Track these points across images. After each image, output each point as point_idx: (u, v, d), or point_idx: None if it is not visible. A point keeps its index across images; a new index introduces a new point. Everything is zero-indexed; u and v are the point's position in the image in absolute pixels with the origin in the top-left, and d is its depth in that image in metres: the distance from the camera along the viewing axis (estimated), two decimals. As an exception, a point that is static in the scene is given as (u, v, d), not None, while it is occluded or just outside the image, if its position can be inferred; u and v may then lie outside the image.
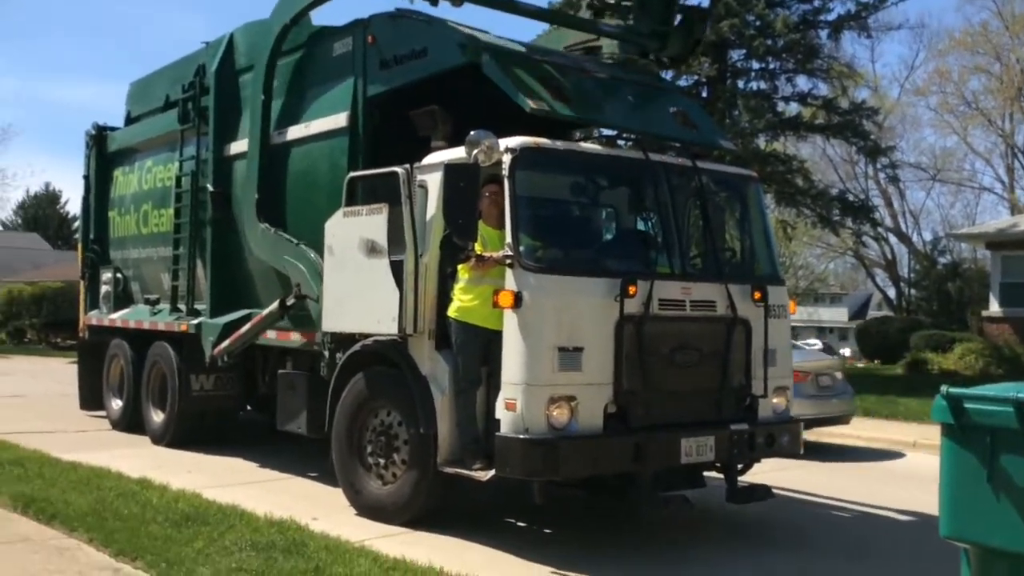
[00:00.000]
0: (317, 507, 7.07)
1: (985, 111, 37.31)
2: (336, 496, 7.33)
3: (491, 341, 6.23)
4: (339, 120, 7.95)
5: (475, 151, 6.26)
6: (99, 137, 12.22)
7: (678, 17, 8.31)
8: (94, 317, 12.00)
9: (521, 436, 5.87)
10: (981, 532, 2.79)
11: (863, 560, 6.19)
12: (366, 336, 7.19)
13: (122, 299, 11.62)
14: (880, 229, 34.99)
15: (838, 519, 7.59)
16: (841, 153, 31.86)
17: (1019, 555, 2.71)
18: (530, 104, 6.53)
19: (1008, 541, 2.72)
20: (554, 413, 5.89)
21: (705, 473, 7.08)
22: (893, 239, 39.51)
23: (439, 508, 6.70)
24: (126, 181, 11.76)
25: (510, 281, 6.09)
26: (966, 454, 2.83)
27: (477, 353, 6.38)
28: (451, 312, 6.50)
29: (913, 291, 38.96)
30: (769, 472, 7.54)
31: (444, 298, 6.69)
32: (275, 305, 8.28)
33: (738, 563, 6.04)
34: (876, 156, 20.47)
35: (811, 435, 10.25)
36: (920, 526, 7.09)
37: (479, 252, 6.23)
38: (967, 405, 2.84)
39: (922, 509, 7.20)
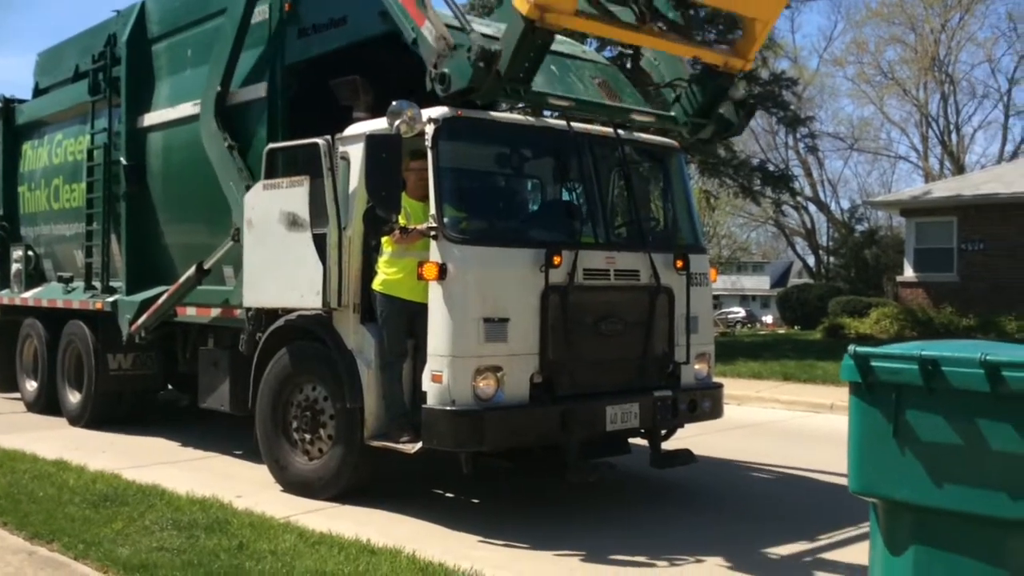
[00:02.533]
0: (241, 485, 6.98)
1: (900, 81, 38.46)
2: (261, 473, 7.24)
3: (416, 314, 6.20)
4: (258, 90, 7.78)
5: (397, 121, 6.17)
6: (6, 110, 11.75)
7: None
8: (5, 297, 11.57)
9: (448, 408, 5.87)
10: (887, 486, 2.89)
11: (782, 519, 6.38)
12: (289, 311, 7.10)
13: (34, 277, 11.22)
14: (799, 198, 35.93)
15: (758, 480, 7.80)
16: (762, 124, 32.40)
17: (923, 508, 2.82)
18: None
19: (913, 494, 2.82)
20: (480, 384, 5.90)
21: (629, 440, 7.19)
22: (812, 208, 40.56)
23: (367, 482, 6.68)
24: (36, 155, 11.33)
25: (434, 253, 6.06)
26: (873, 411, 2.92)
27: (403, 326, 6.35)
28: (376, 285, 6.45)
29: (832, 258, 40.06)
30: (691, 438, 7.70)
31: (369, 271, 6.63)
32: (192, 270, 8.08)
33: (664, 524, 6.16)
34: (796, 126, 20.94)
35: (732, 400, 10.50)
36: (834, 484, 7.34)
37: (403, 224, 6.18)
38: (874, 363, 2.93)
39: (836, 468, 7.44)
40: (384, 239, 6.38)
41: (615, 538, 5.76)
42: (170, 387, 10.86)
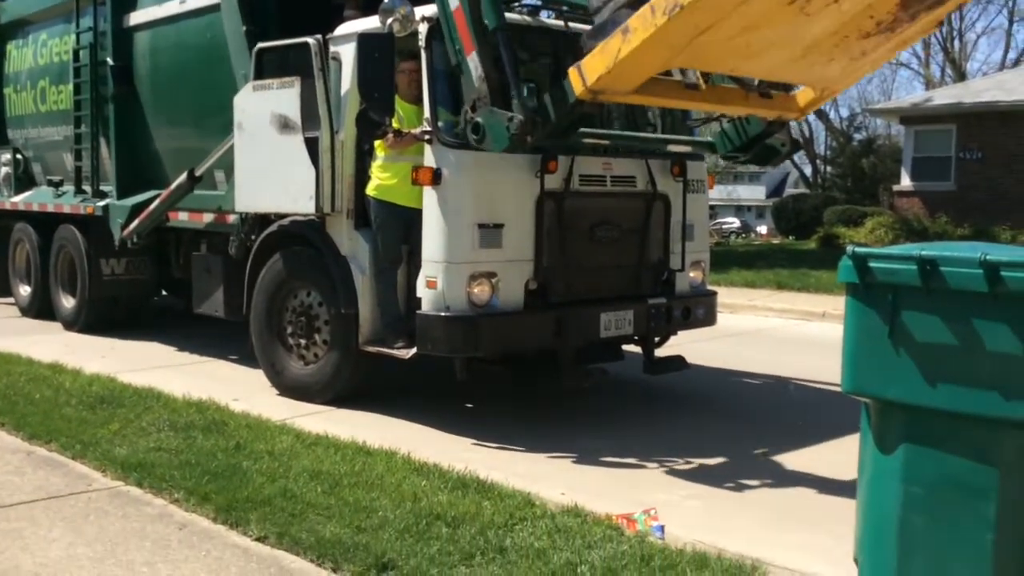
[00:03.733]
0: (237, 388, 7.03)
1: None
2: (257, 377, 7.30)
3: (411, 220, 6.15)
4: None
5: (390, 20, 6.02)
6: (-12, 9, 11.42)
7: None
8: (-6, 200, 11.46)
9: (442, 314, 5.87)
10: (881, 386, 2.90)
11: (774, 422, 6.46)
12: (282, 216, 7.04)
13: (24, 181, 11.08)
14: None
15: (749, 386, 7.89)
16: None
17: (915, 407, 2.84)
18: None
19: (906, 394, 2.84)
20: (475, 290, 5.89)
21: (623, 347, 7.23)
22: (811, 117, 40.05)
23: (362, 387, 6.73)
24: (20, 56, 11.05)
25: (429, 158, 5.97)
26: (869, 311, 2.91)
27: (397, 232, 6.30)
28: (369, 190, 6.37)
29: (829, 168, 39.79)
30: (684, 345, 7.75)
31: (362, 176, 6.55)
32: (183, 177, 7.99)
33: (655, 427, 6.25)
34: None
35: (725, 309, 10.55)
36: (825, 389, 7.43)
37: (396, 128, 6.08)
38: (872, 264, 2.91)
39: (828, 375, 7.52)
40: (377, 143, 6.27)
41: (608, 440, 5.85)
42: (164, 292, 10.85)
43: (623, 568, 3.51)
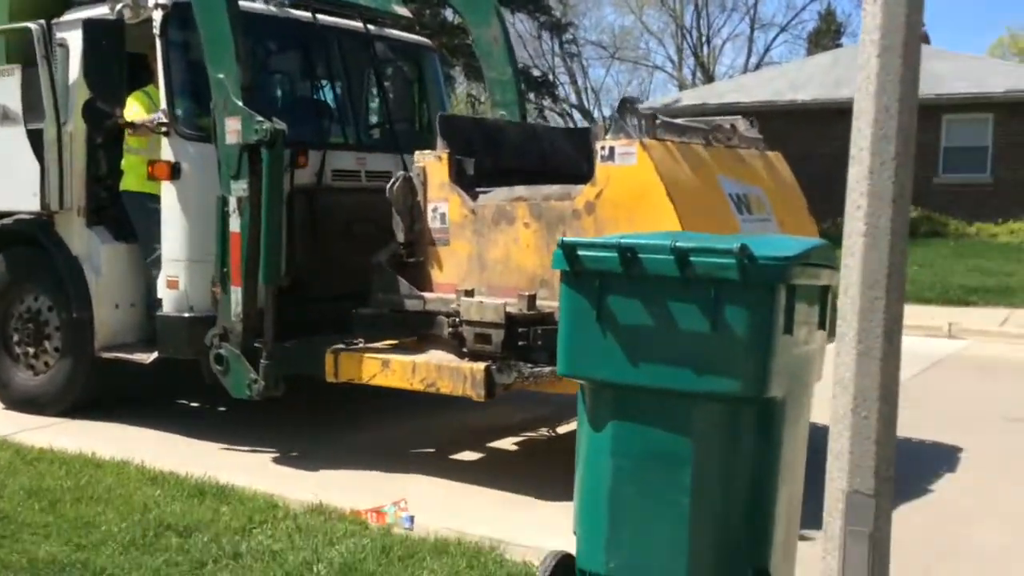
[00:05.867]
0: (-46, 405, 6.39)
1: (658, -9, 39.94)
2: (-19, 392, 6.66)
3: (155, 213, 5.84)
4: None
5: (119, 5, 5.72)
6: None
7: None
8: None
9: (185, 315, 5.63)
10: (591, 367, 3.06)
11: (526, 411, 6.67)
12: (5, 215, 6.47)
13: None
14: (565, 105, 36.88)
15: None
16: (528, 29, 32.75)
17: (622, 385, 3.02)
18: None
19: (613, 374, 3.01)
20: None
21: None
22: (577, 115, 41.80)
23: (99, 396, 6.31)
24: None
25: (166, 151, 5.70)
26: (579, 297, 3.07)
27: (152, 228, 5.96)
28: (122, 185, 6.04)
29: (596, 165, 41.59)
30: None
31: (94, 170, 6.16)
32: None
33: (415, 422, 6.27)
34: (558, 31, 21.27)
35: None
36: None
37: (129, 120, 5.76)
38: (580, 252, 3.06)
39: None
40: (128, 135, 5.94)
41: (367, 435, 5.83)
42: None
43: (361, 561, 3.50)
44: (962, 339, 10.31)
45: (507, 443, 5.82)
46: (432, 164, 5.49)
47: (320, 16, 6.70)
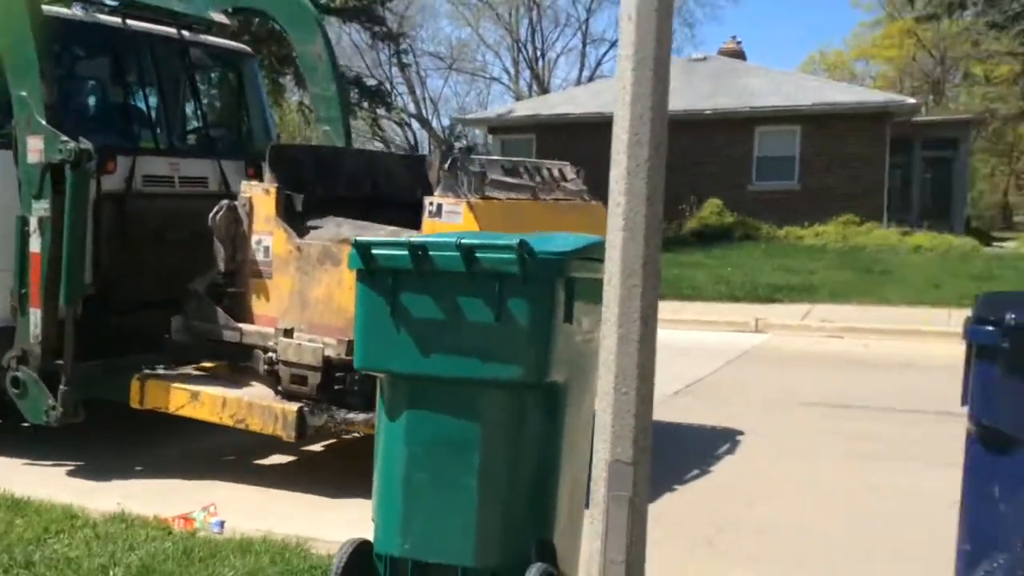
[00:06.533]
0: None
1: (494, 5, 40.66)
2: None
3: None
4: None
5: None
6: None
7: None
8: None
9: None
10: (386, 360, 3.21)
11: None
12: None
13: None
14: (403, 114, 36.96)
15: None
16: (364, 39, 32.68)
17: (416, 376, 3.19)
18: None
19: (406, 365, 3.18)
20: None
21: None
22: (416, 124, 41.98)
23: None
24: None
25: (-41, 157, 5.45)
26: (374, 294, 3.21)
27: None
28: None
29: (432, 173, 41.84)
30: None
31: None
32: None
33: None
34: (391, 41, 21.35)
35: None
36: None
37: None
38: (374, 251, 3.21)
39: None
40: None
41: (182, 445, 5.74)
42: None
43: (161, 564, 3.51)
44: (766, 333, 11.11)
45: (317, 446, 5.86)
46: (259, 197, 5.41)
47: (132, 22, 6.56)
